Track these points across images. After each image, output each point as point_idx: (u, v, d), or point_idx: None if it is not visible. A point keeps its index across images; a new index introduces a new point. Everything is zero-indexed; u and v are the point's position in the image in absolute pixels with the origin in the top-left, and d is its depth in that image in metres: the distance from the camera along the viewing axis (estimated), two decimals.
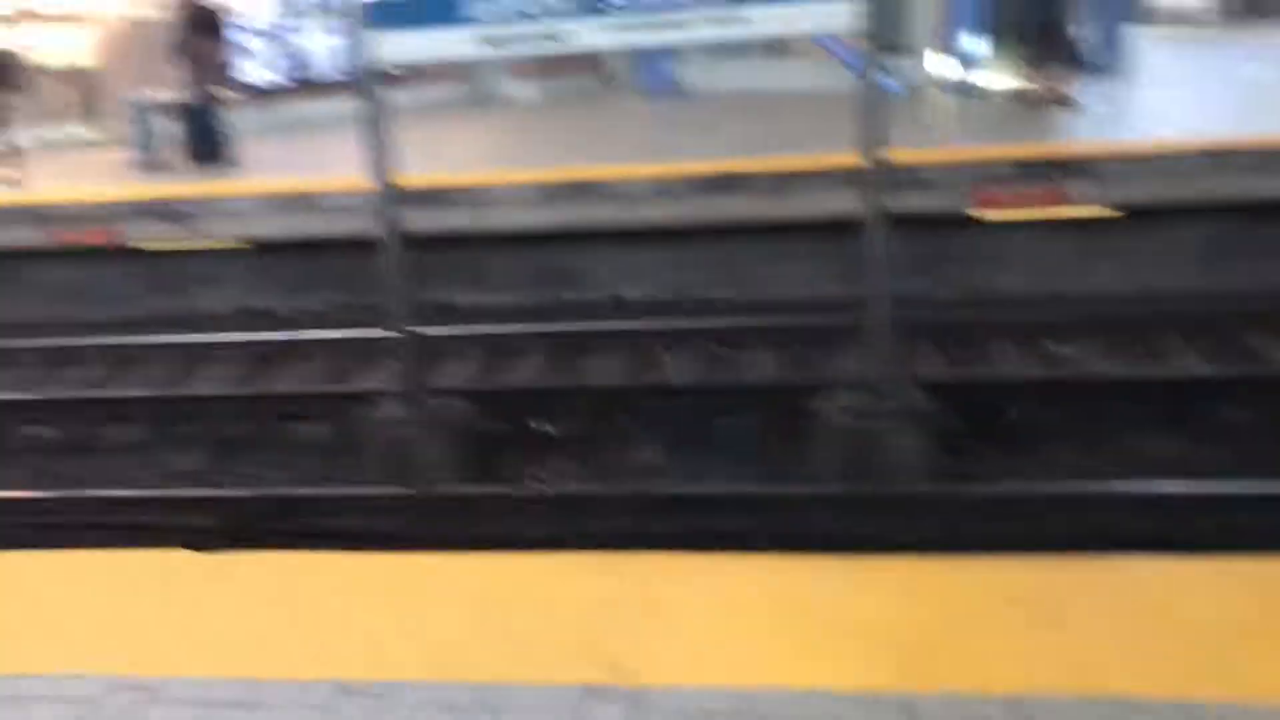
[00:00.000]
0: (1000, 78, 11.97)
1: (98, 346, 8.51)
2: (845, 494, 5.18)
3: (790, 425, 6.21)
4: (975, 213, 8.37)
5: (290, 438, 6.83)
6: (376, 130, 5.43)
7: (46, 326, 9.52)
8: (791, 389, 6.57)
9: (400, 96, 16.98)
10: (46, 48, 15.21)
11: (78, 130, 15.03)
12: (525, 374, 7.59)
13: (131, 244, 9.28)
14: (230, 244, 9.33)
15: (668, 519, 5.14)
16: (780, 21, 5.05)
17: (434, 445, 5.66)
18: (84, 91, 15.12)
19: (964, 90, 13.26)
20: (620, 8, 5.06)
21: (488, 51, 5.24)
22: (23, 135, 14.20)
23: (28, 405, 7.24)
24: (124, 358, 8.39)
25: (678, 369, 7.47)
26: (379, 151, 5.44)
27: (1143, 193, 8.17)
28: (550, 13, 5.11)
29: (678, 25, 5.05)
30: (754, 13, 5.00)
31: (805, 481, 5.53)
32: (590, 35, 5.13)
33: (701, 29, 5.06)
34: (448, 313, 9.23)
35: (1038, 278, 8.57)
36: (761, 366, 7.39)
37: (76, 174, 11.36)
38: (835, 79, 13.68)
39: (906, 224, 8.49)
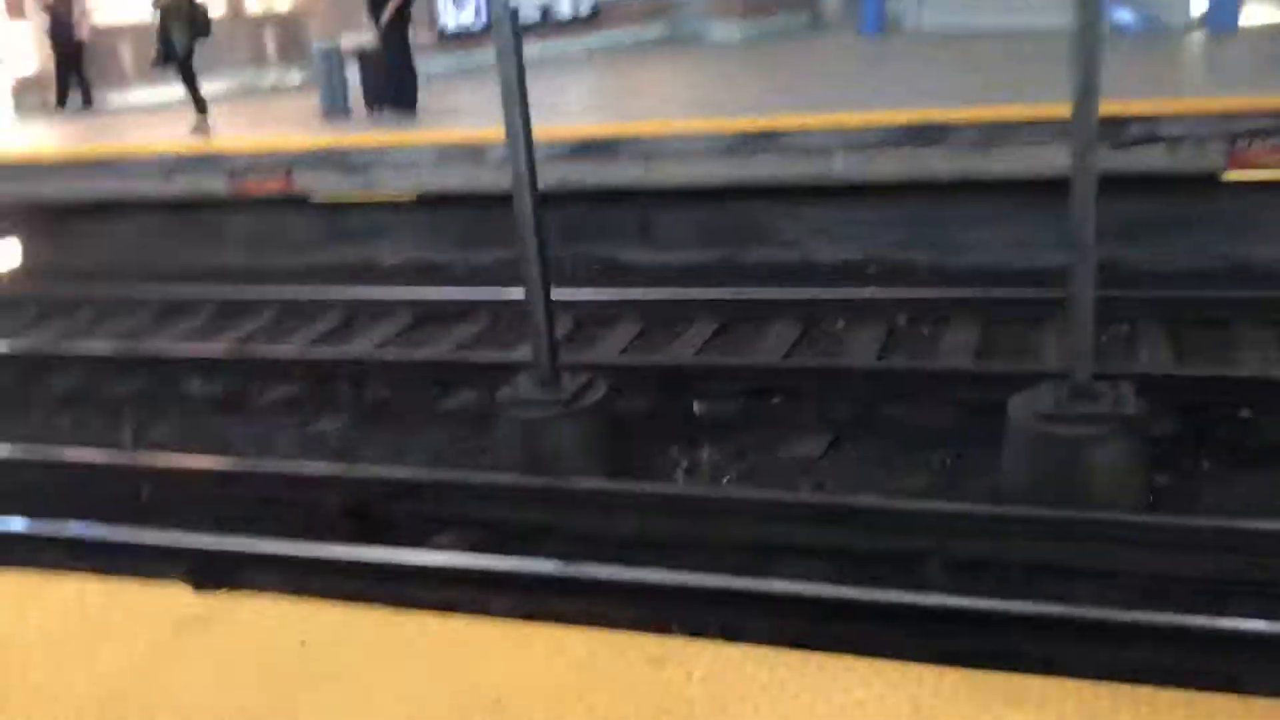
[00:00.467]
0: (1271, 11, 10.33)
1: (264, 299, 8.43)
2: (1025, 516, 4.31)
3: (979, 423, 5.36)
4: (1226, 173, 7.12)
5: (437, 407, 6.46)
6: (514, 79, 4.84)
7: (225, 274, 9.58)
8: (983, 378, 5.69)
9: (600, 36, 16.78)
10: None
11: (274, 75, 15.26)
12: (683, 346, 6.94)
13: (304, 194, 9.12)
14: (399, 196, 9.06)
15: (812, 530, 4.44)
16: None
17: (569, 429, 5.12)
18: (283, 36, 15.31)
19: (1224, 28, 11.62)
20: None
21: None
22: (218, 82, 14.53)
23: (186, 361, 7.12)
24: (291, 308, 8.27)
25: (856, 347, 6.66)
26: (514, 101, 4.85)
27: None
28: None
29: None
30: None
31: (982, 497, 4.68)
32: None
33: None
34: (612, 271, 8.74)
35: None
36: (952, 348, 6.48)
37: (263, 122, 11.39)
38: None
39: (1139, 184, 7.43)
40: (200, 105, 10.75)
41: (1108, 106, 7.30)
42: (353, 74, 11.14)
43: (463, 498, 4.90)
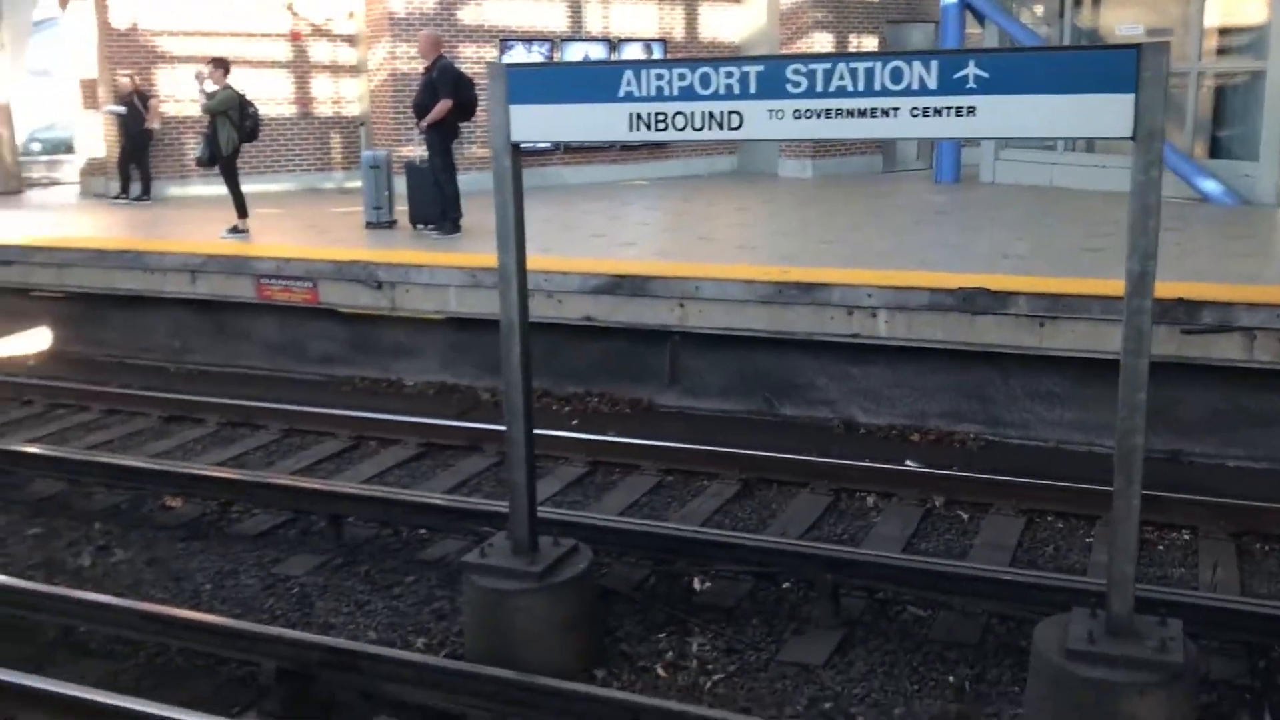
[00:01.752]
0: None
1: (274, 411, 8.06)
2: None
3: (1009, 637, 4.71)
4: None
5: (418, 555, 5.93)
6: (511, 219, 4.42)
7: (245, 379, 9.28)
8: (1018, 587, 5.01)
9: (671, 164, 16.65)
10: (316, 95, 15.63)
11: (338, 178, 15.28)
12: (697, 508, 6.37)
13: (330, 307, 8.82)
14: (423, 315, 8.72)
15: None
16: (1014, 117, 3.68)
17: (540, 607, 4.55)
18: (349, 140, 15.37)
19: None
20: (805, 91, 3.87)
21: (635, 134, 4.15)
22: (281, 181, 14.55)
23: (169, 475, 6.70)
24: (299, 425, 7.88)
25: (884, 530, 6.04)
26: (509, 228, 4.43)
27: None
28: (723, 94, 3.99)
29: (876, 115, 3.79)
30: (984, 104, 3.68)
31: None
32: (760, 121, 3.95)
33: (905, 120, 3.77)
34: (641, 413, 8.27)
35: None
36: (989, 543, 5.82)
37: (305, 228, 11.21)
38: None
39: (1201, 371, 6.81)
40: (241, 208, 10.60)
41: (1175, 288, 6.80)
42: (402, 185, 10.95)
43: (408, 678, 4.32)
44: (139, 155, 14.19)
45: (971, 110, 3.71)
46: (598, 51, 16.40)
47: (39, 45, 19.69)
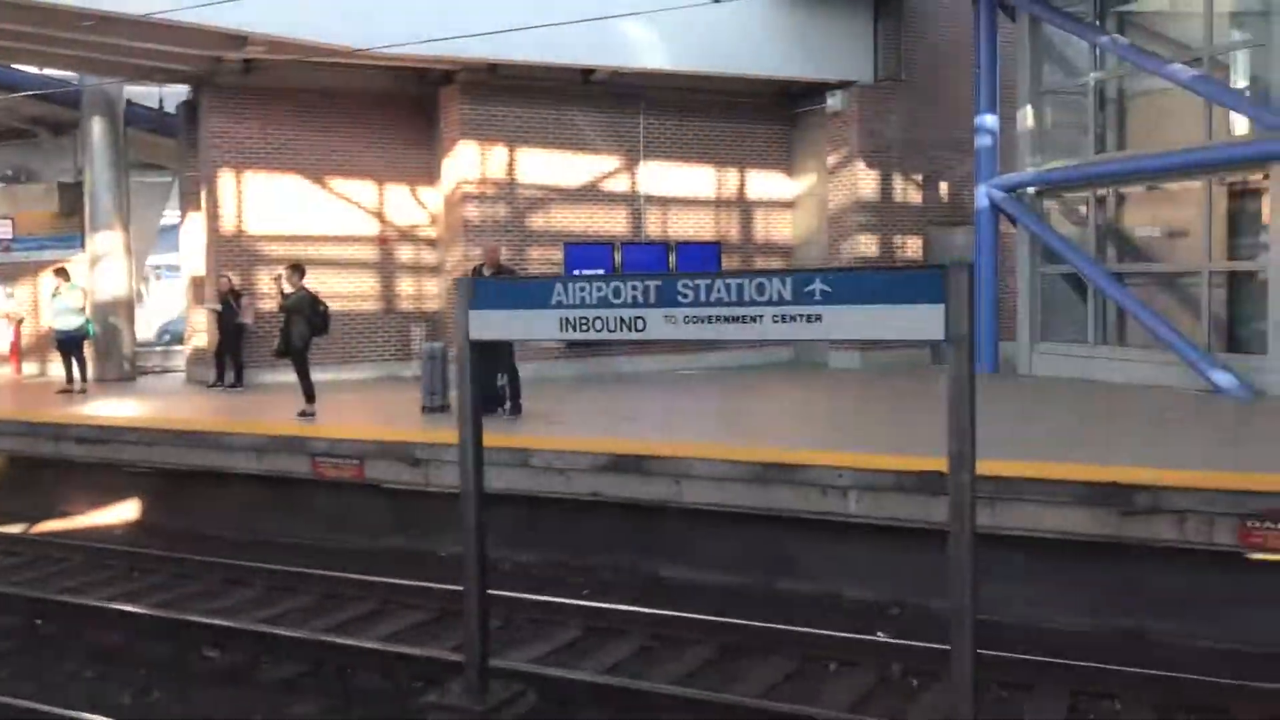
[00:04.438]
0: None
1: (316, 576, 8.94)
2: None
3: None
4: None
5: (414, 702, 6.63)
6: (468, 393, 5.34)
7: (299, 549, 10.22)
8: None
9: (725, 356, 17.50)
10: (400, 292, 17.17)
11: (415, 368, 16.53)
12: (666, 668, 6.97)
13: (376, 482, 9.81)
14: (456, 489, 9.61)
15: None
16: (850, 323, 4.50)
17: None
18: (431, 333, 16.73)
19: None
20: (692, 302, 4.75)
21: (565, 334, 5.07)
22: (363, 369, 15.90)
23: (206, 628, 7.59)
24: (336, 590, 8.73)
25: (834, 691, 6.55)
26: (468, 410, 5.33)
27: None
28: (630, 303, 4.90)
29: (747, 320, 4.64)
30: (828, 313, 4.50)
31: None
32: (659, 325, 4.84)
33: (769, 325, 4.61)
34: (649, 588, 8.92)
35: None
36: (929, 706, 6.29)
37: (368, 412, 12.35)
38: (1180, 375, 12.35)
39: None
40: (309, 394, 11.82)
41: (1112, 472, 7.34)
42: (449, 374, 12.05)
43: None
44: (233, 347, 15.74)
45: (819, 317, 4.54)
46: (656, 254, 17.66)
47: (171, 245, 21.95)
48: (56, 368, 17.30)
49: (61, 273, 16.52)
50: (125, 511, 12.19)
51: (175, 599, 8.82)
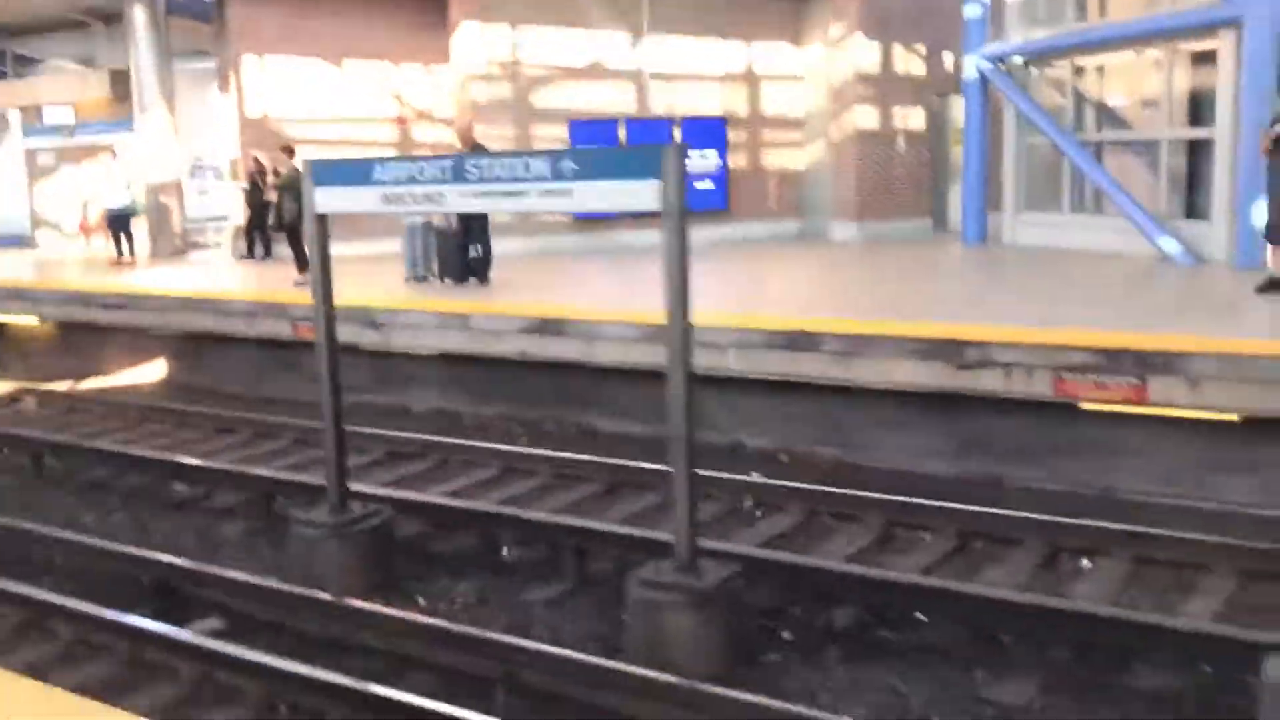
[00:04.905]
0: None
1: (289, 427, 10.15)
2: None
3: None
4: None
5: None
6: (319, 261, 6.30)
7: (285, 403, 11.47)
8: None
9: (733, 228, 18.10)
10: None
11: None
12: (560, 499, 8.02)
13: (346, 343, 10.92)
14: (413, 351, 10.74)
15: None
16: (600, 196, 5.30)
17: (336, 549, 6.32)
18: None
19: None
20: (477, 179, 5.60)
21: (387, 208, 5.97)
22: (379, 245, 16.94)
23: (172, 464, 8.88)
24: (304, 436, 9.93)
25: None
26: (318, 275, 6.29)
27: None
28: (432, 180, 5.76)
29: (518, 195, 5.48)
30: (576, 188, 5.31)
31: None
32: (455, 199, 5.71)
33: (534, 199, 5.44)
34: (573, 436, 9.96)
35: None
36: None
37: (354, 283, 13.41)
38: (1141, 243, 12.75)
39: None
40: (302, 264, 12.95)
41: (951, 329, 8.01)
42: (429, 247, 13.05)
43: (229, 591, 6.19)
44: (261, 222, 16.96)
45: (569, 192, 5.36)
46: (660, 129, 18.23)
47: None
48: None
49: (108, 154, 17.85)
50: (155, 370, 13.63)
51: (171, 444, 10.14)
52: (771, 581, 6.26)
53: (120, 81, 20.52)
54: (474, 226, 12.47)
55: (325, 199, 6.19)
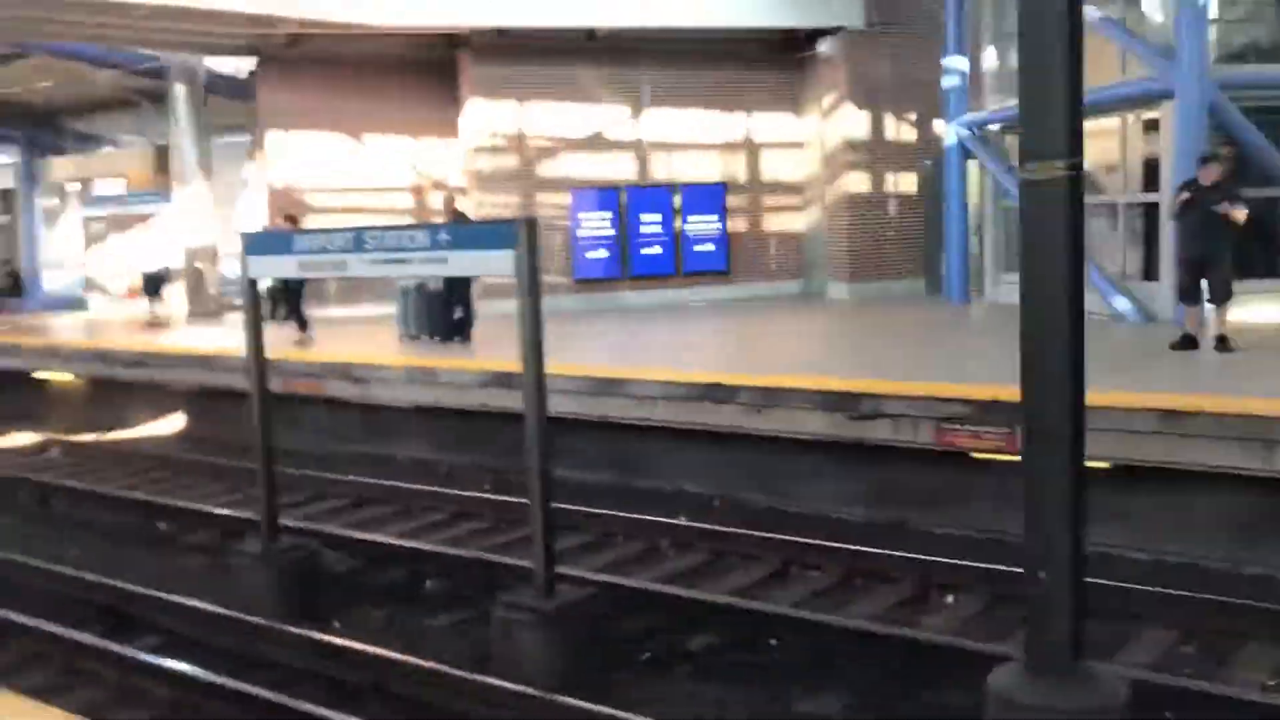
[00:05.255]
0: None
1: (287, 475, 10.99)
2: None
3: None
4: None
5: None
6: (251, 325, 7.15)
7: (284, 452, 12.32)
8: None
9: (734, 289, 18.71)
10: None
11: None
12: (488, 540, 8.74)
13: (328, 395, 11.84)
14: (393, 403, 11.59)
15: None
16: (467, 263, 6.10)
17: (267, 577, 7.10)
18: None
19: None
20: (375, 248, 6.43)
21: (303, 273, 6.82)
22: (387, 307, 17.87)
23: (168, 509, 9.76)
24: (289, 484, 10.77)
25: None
26: (252, 335, 7.14)
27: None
28: (339, 249, 6.60)
29: (404, 262, 6.30)
30: (451, 255, 6.11)
31: None
32: (357, 265, 6.54)
33: (418, 265, 6.25)
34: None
35: None
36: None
37: (353, 341, 14.38)
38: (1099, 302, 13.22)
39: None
40: (302, 324, 13.93)
41: (848, 384, 8.63)
42: (418, 306, 13.96)
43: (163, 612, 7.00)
44: (285, 285, 18.04)
45: (445, 260, 6.16)
46: (661, 196, 19.08)
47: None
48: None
49: (142, 222, 19.20)
50: (171, 423, 14.65)
51: (168, 489, 11.06)
52: (653, 610, 6.92)
53: (164, 156, 22.01)
54: (457, 289, 13.38)
55: (256, 266, 7.06)
